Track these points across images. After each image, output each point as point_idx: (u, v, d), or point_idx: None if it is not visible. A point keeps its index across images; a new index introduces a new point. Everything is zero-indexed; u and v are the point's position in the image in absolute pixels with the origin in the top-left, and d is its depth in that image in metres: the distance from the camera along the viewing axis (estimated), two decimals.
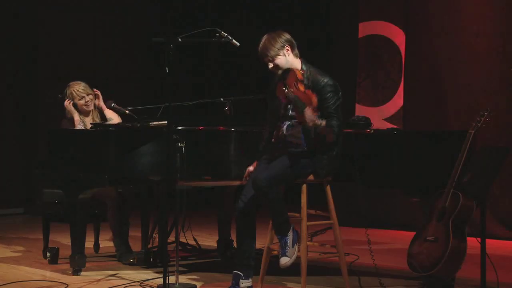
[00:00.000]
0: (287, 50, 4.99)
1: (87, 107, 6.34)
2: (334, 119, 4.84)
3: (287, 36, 5.02)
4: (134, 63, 9.79)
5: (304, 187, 5.00)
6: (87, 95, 6.33)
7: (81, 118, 6.34)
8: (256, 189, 4.83)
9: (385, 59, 8.31)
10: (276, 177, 4.85)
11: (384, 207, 8.07)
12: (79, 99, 6.31)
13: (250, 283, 5.05)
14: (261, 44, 5.01)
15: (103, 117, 6.37)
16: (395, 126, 7.76)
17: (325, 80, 4.93)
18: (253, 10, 9.89)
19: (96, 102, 6.37)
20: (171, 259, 5.56)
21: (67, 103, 6.32)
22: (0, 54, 9.19)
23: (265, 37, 5.02)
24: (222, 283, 5.47)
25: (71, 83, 6.40)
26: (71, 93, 6.33)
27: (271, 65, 5.00)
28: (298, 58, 5.05)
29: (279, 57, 4.97)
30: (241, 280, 5.01)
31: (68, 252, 5.89)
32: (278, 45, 4.96)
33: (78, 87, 6.33)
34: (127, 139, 5.68)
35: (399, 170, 5.26)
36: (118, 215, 6.22)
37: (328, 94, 4.89)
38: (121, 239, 6.25)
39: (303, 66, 5.02)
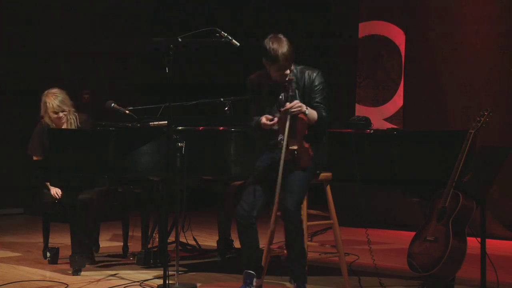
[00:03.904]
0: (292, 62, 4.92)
1: (59, 120, 6.16)
2: (322, 110, 4.87)
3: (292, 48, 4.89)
4: (134, 63, 9.77)
5: None
6: (62, 111, 6.13)
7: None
8: (288, 219, 4.73)
9: (385, 59, 8.31)
10: (302, 198, 4.84)
11: (384, 207, 8.06)
12: (53, 113, 6.14)
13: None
14: (285, 51, 4.77)
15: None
16: (395, 126, 7.77)
17: (315, 74, 4.93)
18: (252, 10, 9.88)
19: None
20: (171, 259, 5.56)
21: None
22: (0, 54, 9.19)
23: (285, 44, 4.79)
24: (222, 283, 5.47)
25: (48, 91, 6.19)
26: (45, 103, 6.13)
27: (281, 73, 4.84)
28: None
29: (289, 69, 4.88)
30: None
31: (68, 252, 5.89)
32: (292, 57, 4.86)
33: (54, 101, 6.10)
34: (127, 139, 5.68)
35: (399, 170, 5.26)
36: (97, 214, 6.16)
37: (318, 86, 4.91)
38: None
39: (293, 68, 4.95)
